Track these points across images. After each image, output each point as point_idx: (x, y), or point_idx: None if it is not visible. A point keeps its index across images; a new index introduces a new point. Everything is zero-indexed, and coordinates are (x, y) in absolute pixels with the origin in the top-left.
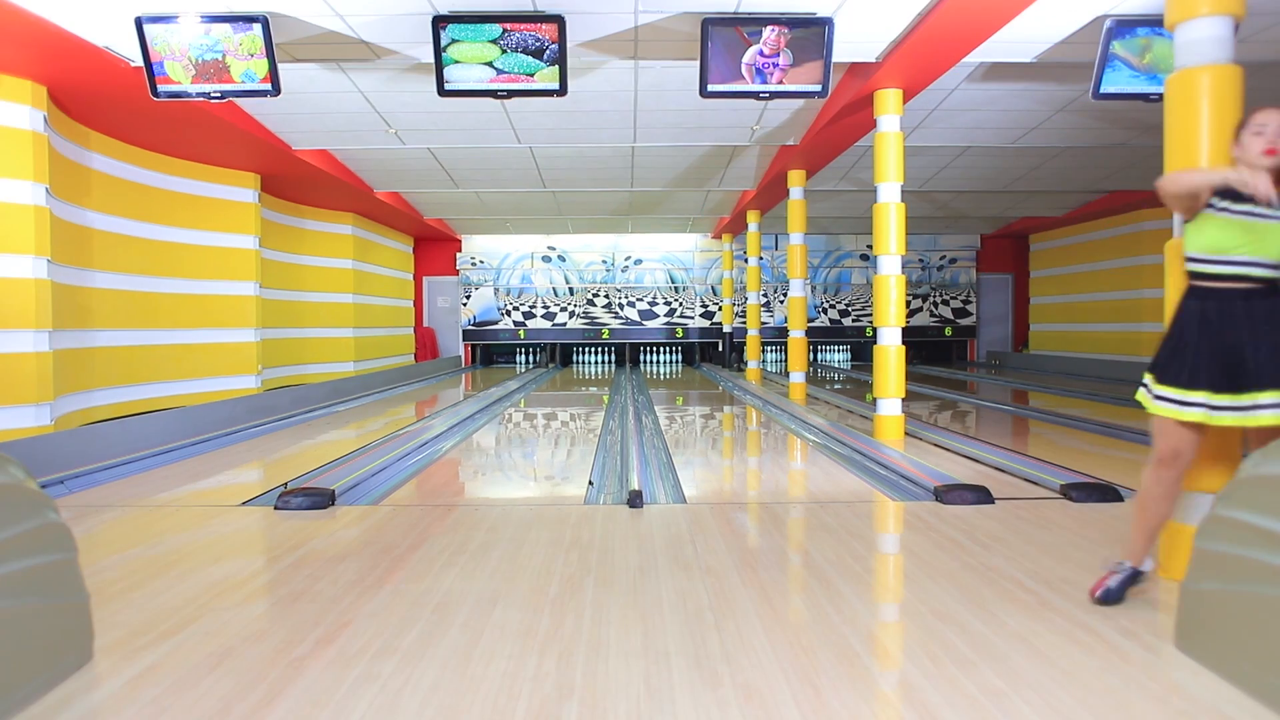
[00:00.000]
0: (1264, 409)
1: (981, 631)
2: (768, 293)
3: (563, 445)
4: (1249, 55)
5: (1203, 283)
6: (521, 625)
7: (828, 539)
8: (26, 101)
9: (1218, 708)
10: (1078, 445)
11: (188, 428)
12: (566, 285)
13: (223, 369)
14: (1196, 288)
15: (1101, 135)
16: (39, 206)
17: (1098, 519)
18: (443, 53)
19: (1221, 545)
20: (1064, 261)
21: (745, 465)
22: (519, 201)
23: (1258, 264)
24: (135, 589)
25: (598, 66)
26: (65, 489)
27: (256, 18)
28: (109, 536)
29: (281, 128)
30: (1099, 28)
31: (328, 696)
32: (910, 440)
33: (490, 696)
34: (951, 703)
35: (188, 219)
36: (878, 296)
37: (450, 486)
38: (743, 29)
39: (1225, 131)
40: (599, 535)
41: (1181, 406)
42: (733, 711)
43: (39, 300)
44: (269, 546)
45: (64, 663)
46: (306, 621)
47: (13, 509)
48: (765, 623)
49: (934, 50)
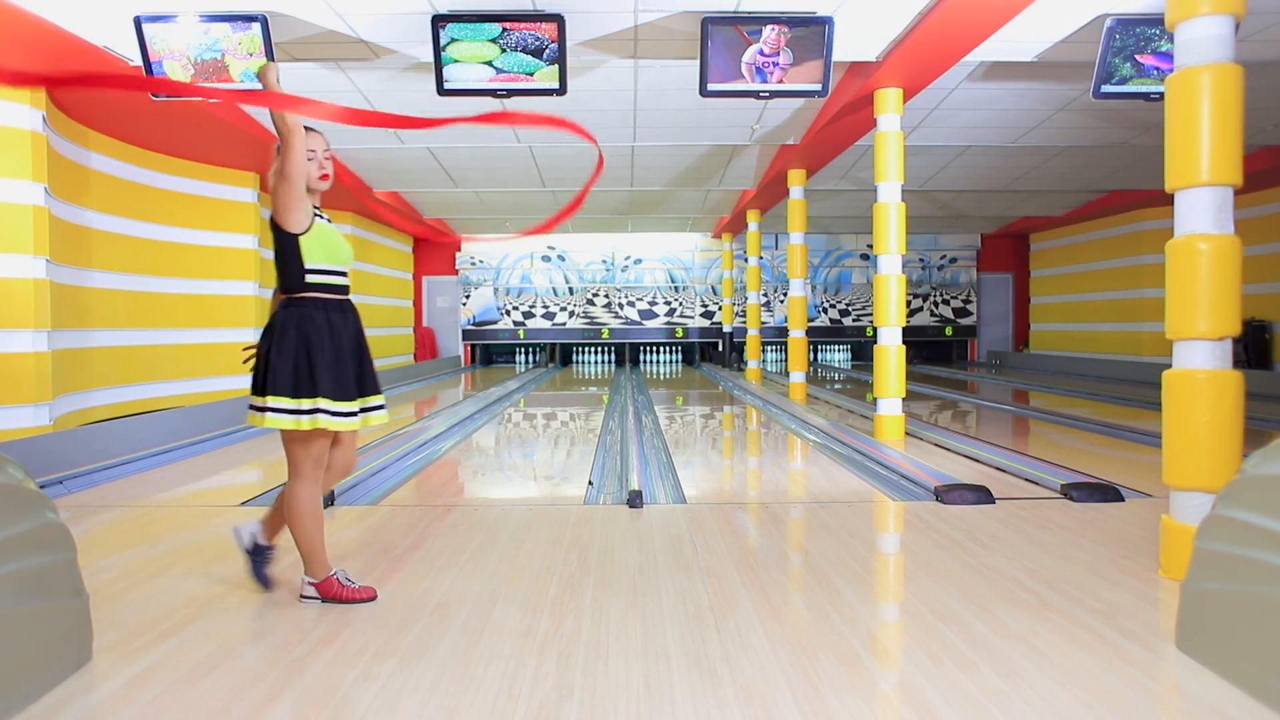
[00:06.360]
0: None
1: (982, 631)
2: (768, 292)
3: (562, 445)
4: (1249, 55)
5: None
6: (521, 625)
7: (828, 539)
8: (26, 101)
9: (1218, 708)
10: (1078, 445)
11: (187, 428)
12: (566, 285)
13: (222, 369)
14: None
15: (1102, 135)
16: (38, 206)
17: (1098, 519)
18: (442, 52)
19: (1221, 545)
20: (1064, 261)
21: (745, 465)
22: (519, 201)
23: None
24: (135, 589)
25: (597, 66)
26: (64, 489)
27: (255, 17)
28: (108, 536)
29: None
30: (1099, 27)
31: (328, 697)
32: (911, 440)
33: (490, 696)
34: (951, 703)
35: (187, 219)
36: (878, 296)
37: (450, 487)
38: (743, 28)
39: (1226, 131)
40: (599, 535)
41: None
42: (733, 711)
43: (38, 300)
44: None
45: (63, 663)
46: (306, 621)
47: (12, 509)
48: (765, 623)
49: (934, 49)
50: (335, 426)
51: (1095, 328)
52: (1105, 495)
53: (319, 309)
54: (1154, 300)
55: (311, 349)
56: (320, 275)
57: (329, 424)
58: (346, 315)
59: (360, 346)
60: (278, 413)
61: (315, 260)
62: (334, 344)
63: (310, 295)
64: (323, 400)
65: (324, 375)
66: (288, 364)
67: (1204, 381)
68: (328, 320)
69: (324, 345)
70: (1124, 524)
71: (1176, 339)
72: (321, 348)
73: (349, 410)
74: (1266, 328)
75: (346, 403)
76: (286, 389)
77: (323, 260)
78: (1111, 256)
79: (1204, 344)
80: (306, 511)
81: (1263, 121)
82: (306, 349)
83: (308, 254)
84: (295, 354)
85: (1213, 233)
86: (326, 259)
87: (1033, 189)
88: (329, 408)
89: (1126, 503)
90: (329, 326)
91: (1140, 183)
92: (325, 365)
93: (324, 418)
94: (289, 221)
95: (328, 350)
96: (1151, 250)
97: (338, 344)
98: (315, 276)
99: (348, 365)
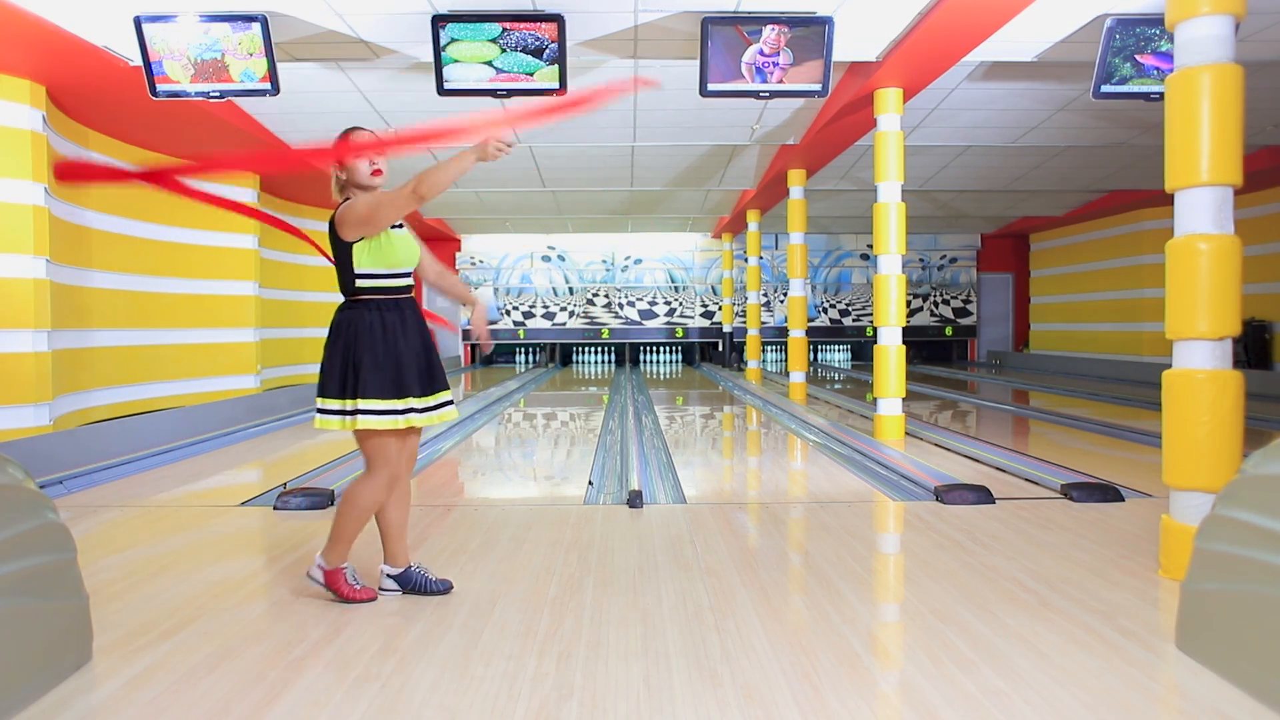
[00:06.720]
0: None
1: (982, 631)
2: (768, 292)
3: (562, 445)
4: (1249, 55)
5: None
6: (521, 625)
7: (828, 539)
8: (25, 101)
9: (1218, 708)
10: (1079, 445)
11: (187, 428)
12: (566, 285)
13: (222, 369)
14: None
15: (1102, 134)
16: (38, 206)
17: (1098, 519)
18: (442, 52)
19: (1221, 545)
20: (1064, 261)
21: (745, 465)
22: (519, 201)
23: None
24: (135, 589)
25: (597, 66)
26: (64, 489)
27: (255, 17)
28: (108, 536)
29: (280, 127)
30: (1099, 27)
31: (327, 696)
32: (911, 440)
33: (490, 697)
34: (952, 703)
35: (187, 218)
36: (878, 296)
37: (450, 487)
38: (743, 28)
39: (1226, 131)
40: (599, 535)
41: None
42: (733, 711)
43: (38, 300)
44: (268, 547)
45: (63, 663)
46: (306, 621)
47: (12, 509)
48: (765, 623)
49: (934, 49)
50: (374, 426)
51: (1095, 328)
52: (1105, 495)
53: (370, 309)
54: (1154, 300)
55: (358, 350)
56: (370, 279)
57: (368, 424)
58: (404, 313)
59: (426, 343)
60: (325, 414)
61: (364, 266)
62: (386, 342)
63: (362, 299)
64: (363, 401)
65: (368, 375)
66: (335, 365)
67: (1204, 381)
68: (381, 320)
69: (374, 345)
70: (1124, 524)
71: (1176, 339)
72: (371, 348)
73: (396, 409)
74: (1266, 328)
75: (395, 400)
76: (333, 390)
77: (371, 265)
78: (1111, 256)
79: (1204, 344)
80: (361, 505)
81: (1263, 121)
82: (353, 350)
83: (357, 260)
84: (342, 356)
85: (1213, 233)
86: (376, 264)
87: (1033, 189)
88: (368, 407)
89: (1126, 503)
90: (382, 326)
91: (1140, 183)
92: (370, 365)
93: (364, 418)
94: (344, 233)
95: (377, 349)
96: (1151, 250)
97: (390, 342)
98: (366, 281)
99: (404, 362)
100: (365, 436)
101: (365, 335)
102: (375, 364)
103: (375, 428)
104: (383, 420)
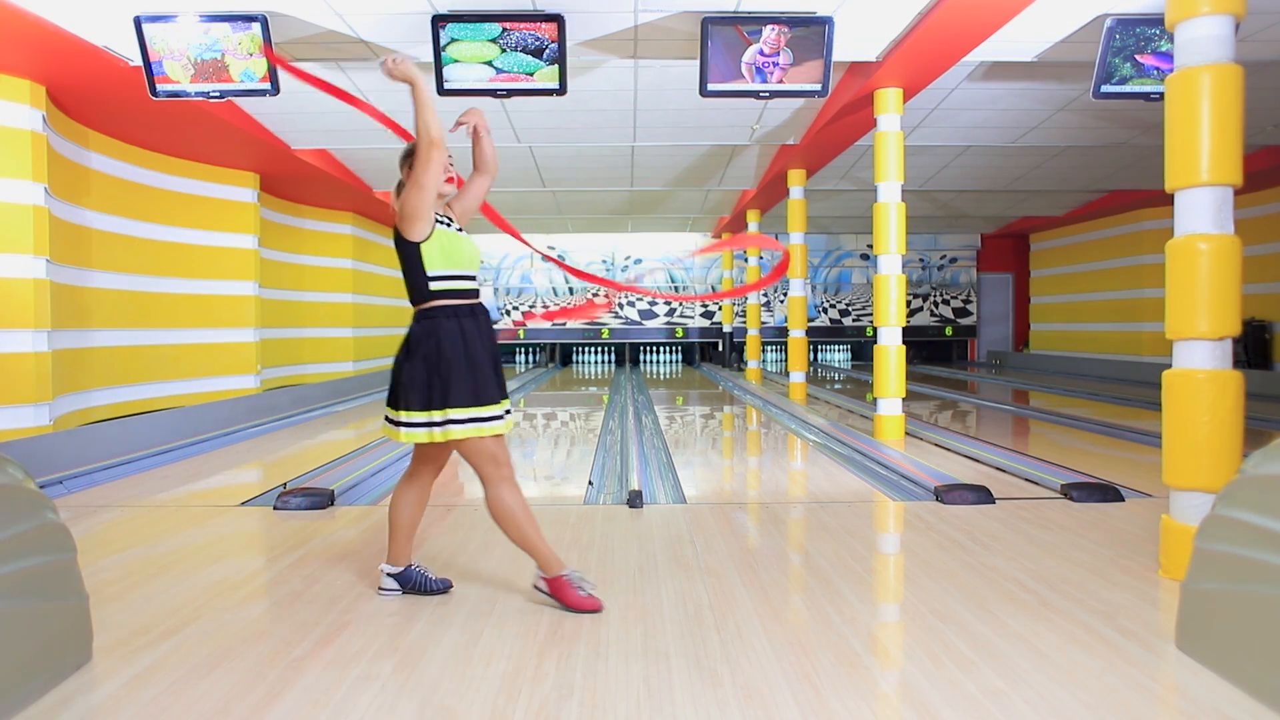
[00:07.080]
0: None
1: (982, 631)
2: (767, 292)
3: (562, 445)
4: (1249, 55)
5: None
6: (521, 625)
7: (828, 539)
8: (25, 101)
9: (1218, 708)
10: (1079, 445)
11: (187, 428)
12: (566, 285)
13: (222, 369)
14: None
15: (1102, 135)
16: (38, 206)
17: (1098, 519)
18: (442, 52)
19: (1221, 545)
20: (1064, 261)
21: (745, 465)
22: (519, 201)
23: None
24: (134, 589)
25: (597, 66)
26: (64, 489)
27: (255, 17)
28: (108, 536)
29: (280, 127)
30: (1099, 27)
31: (327, 696)
32: (911, 440)
33: (490, 696)
34: (952, 703)
35: (187, 218)
36: (878, 296)
37: (449, 486)
38: (743, 28)
39: (1226, 131)
40: (599, 535)
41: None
42: (733, 712)
43: (38, 300)
44: (268, 547)
45: (63, 663)
46: (306, 621)
47: (12, 509)
48: (765, 623)
49: (934, 49)
50: (468, 434)
51: (1095, 328)
52: (1105, 495)
53: (449, 317)
54: (1154, 300)
55: (443, 361)
56: (444, 282)
57: (458, 433)
58: (479, 319)
59: (495, 350)
60: (410, 426)
61: (436, 267)
62: (468, 352)
63: (438, 304)
64: (453, 410)
65: (456, 385)
66: (417, 378)
67: (1204, 381)
68: (460, 328)
69: (457, 355)
70: (1124, 524)
71: (1176, 339)
72: (455, 359)
73: (482, 416)
74: (1266, 328)
75: (481, 408)
76: (418, 403)
77: (444, 266)
78: (1111, 256)
79: (1204, 344)
80: (510, 513)
81: (1263, 121)
82: (436, 361)
83: (429, 261)
84: (424, 367)
85: (1213, 233)
86: (448, 264)
87: (1033, 189)
88: (459, 416)
89: (1126, 503)
90: (461, 334)
91: (1140, 183)
92: (459, 375)
93: (455, 428)
94: (412, 230)
95: (461, 360)
96: (1151, 250)
97: (472, 351)
98: (440, 284)
99: (485, 370)
100: (465, 447)
101: (449, 345)
102: (462, 373)
103: (471, 436)
104: (479, 428)
